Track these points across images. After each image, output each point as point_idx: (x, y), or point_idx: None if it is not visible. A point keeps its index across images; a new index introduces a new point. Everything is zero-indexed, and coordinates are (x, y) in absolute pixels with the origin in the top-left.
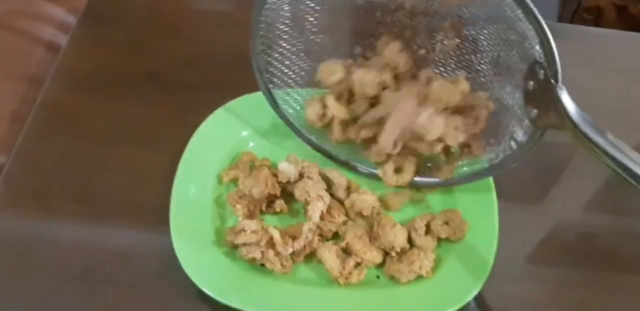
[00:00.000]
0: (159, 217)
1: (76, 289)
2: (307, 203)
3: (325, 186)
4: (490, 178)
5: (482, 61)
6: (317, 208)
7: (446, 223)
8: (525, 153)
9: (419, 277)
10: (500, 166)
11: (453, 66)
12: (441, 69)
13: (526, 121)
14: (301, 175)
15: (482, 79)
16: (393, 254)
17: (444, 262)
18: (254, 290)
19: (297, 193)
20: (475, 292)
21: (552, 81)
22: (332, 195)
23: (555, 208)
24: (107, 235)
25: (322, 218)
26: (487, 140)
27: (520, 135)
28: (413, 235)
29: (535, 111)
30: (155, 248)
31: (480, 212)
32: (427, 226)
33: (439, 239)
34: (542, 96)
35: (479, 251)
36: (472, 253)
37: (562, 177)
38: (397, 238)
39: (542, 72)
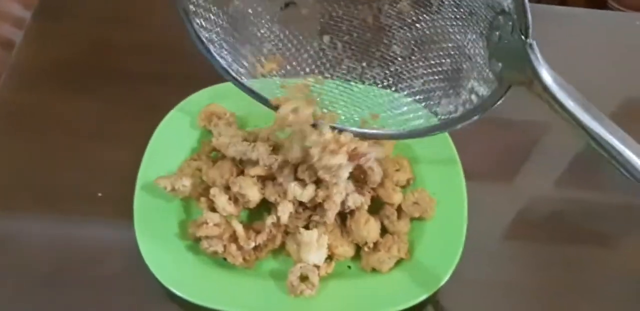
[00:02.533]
0: (125, 213)
1: (42, 292)
2: (276, 203)
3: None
4: (456, 156)
5: (440, 2)
6: (286, 210)
7: (416, 203)
8: (488, 109)
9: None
10: (459, 120)
11: (408, 6)
12: (395, 10)
13: (489, 74)
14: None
15: (441, 22)
16: (366, 249)
17: (417, 245)
18: (218, 286)
19: (267, 192)
20: (449, 273)
21: (522, 36)
22: None
23: (524, 187)
24: (72, 234)
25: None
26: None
27: (482, 90)
28: (386, 222)
29: (500, 64)
30: (123, 244)
31: (448, 189)
32: (398, 209)
33: (411, 220)
34: (509, 50)
35: (450, 230)
36: (443, 233)
37: (531, 155)
38: (371, 233)
39: (510, 24)
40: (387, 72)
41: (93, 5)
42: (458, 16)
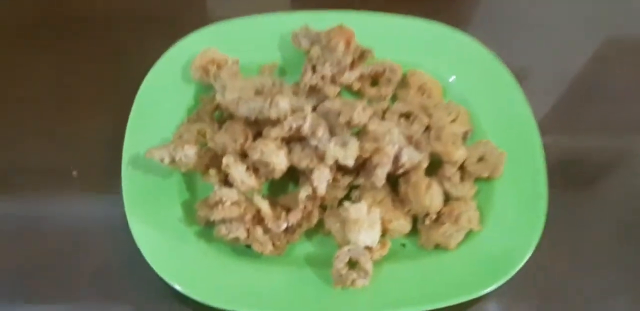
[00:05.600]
0: (110, 195)
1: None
2: (309, 171)
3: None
4: (524, 99)
5: None
6: (323, 177)
7: (482, 159)
8: None
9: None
10: None
11: None
12: None
13: None
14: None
15: None
16: (427, 221)
17: (488, 213)
18: (241, 282)
19: (295, 158)
20: (534, 245)
21: None
22: None
23: None
24: (46, 223)
25: None
26: None
27: None
28: (447, 186)
29: None
30: (111, 233)
31: (517, 140)
32: (461, 168)
33: (475, 182)
34: None
35: (527, 190)
36: (520, 195)
37: None
38: (434, 202)
39: None
40: None
41: None
42: None
